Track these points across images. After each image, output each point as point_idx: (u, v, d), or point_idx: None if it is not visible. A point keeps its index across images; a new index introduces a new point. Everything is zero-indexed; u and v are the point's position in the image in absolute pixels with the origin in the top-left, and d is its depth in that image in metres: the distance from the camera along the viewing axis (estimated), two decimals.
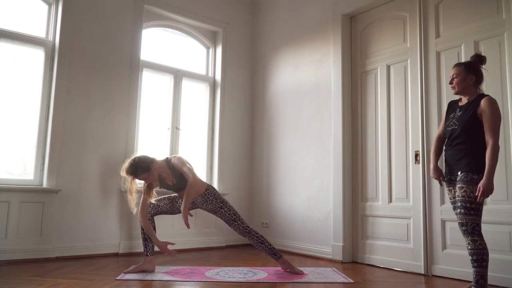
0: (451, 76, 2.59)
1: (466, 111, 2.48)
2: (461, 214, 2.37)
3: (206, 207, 3.20)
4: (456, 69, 2.55)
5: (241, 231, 3.16)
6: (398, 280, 3.02)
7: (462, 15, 3.23)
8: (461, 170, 2.43)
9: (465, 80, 2.50)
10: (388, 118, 3.66)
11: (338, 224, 3.80)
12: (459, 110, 2.54)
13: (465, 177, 2.39)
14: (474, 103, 2.45)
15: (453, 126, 2.54)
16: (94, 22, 3.93)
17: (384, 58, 3.74)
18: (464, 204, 2.36)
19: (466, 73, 2.51)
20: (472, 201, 2.34)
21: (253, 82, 5.06)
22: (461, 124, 2.47)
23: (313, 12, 4.35)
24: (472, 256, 2.34)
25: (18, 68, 3.66)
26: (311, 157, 4.18)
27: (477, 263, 2.32)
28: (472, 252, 2.33)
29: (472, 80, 2.50)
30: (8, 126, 3.57)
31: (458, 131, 2.49)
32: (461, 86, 2.52)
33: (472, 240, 2.33)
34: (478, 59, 2.53)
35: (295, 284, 2.80)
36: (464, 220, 2.36)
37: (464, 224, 2.36)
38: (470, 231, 2.34)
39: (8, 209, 3.34)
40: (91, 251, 3.69)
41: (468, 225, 2.35)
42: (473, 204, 2.34)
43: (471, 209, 2.35)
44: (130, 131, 4.04)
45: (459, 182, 2.42)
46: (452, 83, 2.56)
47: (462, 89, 2.52)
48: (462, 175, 2.42)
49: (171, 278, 2.85)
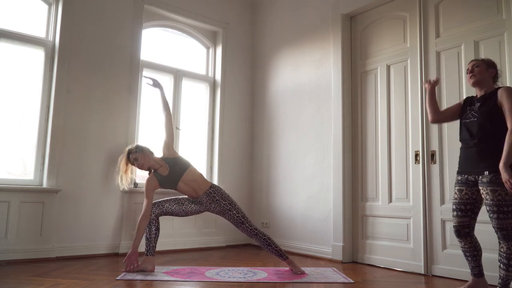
0: (469, 67, 2.52)
1: (486, 101, 2.41)
2: (500, 219, 2.26)
3: (214, 208, 3.21)
4: (476, 61, 2.51)
5: (249, 233, 3.17)
6: (398, 280, 3.02)
7: (462, 15, 3.23)
8: (490, 170, 2.30)
9: (487, 71, 2.46)
10: (388, 118, 3.66)
11: (338, 224, 3.80)
12: (477, 101, 2.46)
13: (496, 178, 2.27)
14: (494, 95, 2.38)
15: (471, 118, 2.44)
16: (94, 22, 3.93)
17: (384, 58, 3.74)
18: (502, 208, 2.25)
19: (487, 66, 2.48)
20: (509, 204, 2.26)
21: (253, 82, 5.06)
22: (482, 115, 2.38)
23: (313, 12, 4.35)
24: (508, 260, 2.26)
25: (18, 68, 3.65)
26: (311, 157, 4.18)
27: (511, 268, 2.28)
28: (509, 256, 2.26)
29: (493, 73, 2.47)
30: (8, 126, 3.57)
31: (479, 124, 2.39)
32: (482, 75, 2.46)
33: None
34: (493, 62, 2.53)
35: (295, 284, 2.80)
36: (504, 225, 2.26)
37: (504, 228, 2.26)
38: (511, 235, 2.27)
39: (8, 209, 3.34)
40: (91, 251, 3.69)
41: (509, 229, 2.26)
42: (510, 207, 2.26)
43: (509, 212, 2.26)
44: (130, 131, 4.04)
45: (491, 184, 2.28)
46: (474, 71, 2.48)
47: (482, 78, 2.46)
48: (492, 176, 2.29)
49: (171, 278, 2.85)
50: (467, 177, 2.44)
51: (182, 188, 3.18)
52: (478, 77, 2.47)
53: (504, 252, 2.29)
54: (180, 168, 3.19)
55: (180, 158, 3.27)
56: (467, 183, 2.44)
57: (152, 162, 3.20)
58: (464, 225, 2.47)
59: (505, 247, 2.28)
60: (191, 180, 3.19)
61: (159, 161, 3.22)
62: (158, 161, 3.21)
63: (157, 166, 3.20)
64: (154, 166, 3.20)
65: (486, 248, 2.83)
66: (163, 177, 3.17)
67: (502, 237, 2.28)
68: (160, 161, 3.22)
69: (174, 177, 3.17)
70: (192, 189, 3.18)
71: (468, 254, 2.49)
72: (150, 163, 3.19)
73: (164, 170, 3.18)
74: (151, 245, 3.10)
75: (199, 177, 3.24)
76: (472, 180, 2.42)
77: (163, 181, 3.18)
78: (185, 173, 3.18)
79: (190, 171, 3.21)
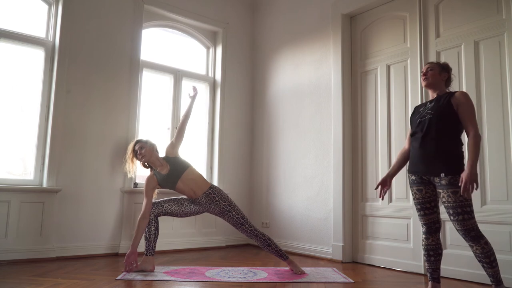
0: (424, 69, 2.57)
1: (439, 100, 2.44)
2: (465, 221, 2.26)
3: (213, 209, 3.21)
4: (430, 65, 2.57)
5: (249, 234, 3.17)
6: (398, 280, 3.02)
7: (462, 15, 3.23)
8: (446, 171, 2.31)
9: (440, 75, 2.52)
10: (388, 118, 3.66)
11: (338, 224, 3.80)
12: (430, 102, 2.51)
13: (455, 180, 2.28)
14: (447, 95, 2.43)
15: (426, 116, 2.45)
16: (94, 22, 3.93)
17: (384, 58, 3.74)
18: (465, 208, 2.26)
19: (440, 69, 2.53)
20: (470, 204, 2.28)
21: (253, 82, 5.06)
22: (436, 112, 2.40)
23: (313, 12, 4.35)
24: (489, 258, 2.25)
25: (18, 68, 3.65)
26: (311, 157, 4.18)
27: (495, 263, 2.26)
28: (488, 254, 2.25)
29: (445, 77, 2.53)
30: (8, 126, 3.57)
31: (433, 121, 2.40)
32: (435, 79, 2.51)
33: (485, 243, 2.26)
34: (448, 66, 2.58)
35: (295, 284, 2.80)
36: (470, 226, 2.26)
37: (471, 229, 2.26)
38: (479, 234, 2.27)
39: (8, 209, 3.34)
40: (91, 251, 3.69)
41: (475, 229, 2.27)
42: (471, 207, 2.28)
43: (471, 211, 2.27)
44: (130, 131, 4.04)
45: (451, 186, 2.29)
46: (427, 74, 2.53)
47: (434, 81, 2.51)
48: (450, 178, 2.30)
49: (171, 278, 2.85)
50: (421, 177, 2.44)
51: (181, 187, 3.19)
52: (430, 80, 2.52)
53: (480, 253, 2.26)
54: (180, 168, 3.20)
55: (180, 158, 3.29)
56: (423, 182, 2.44)
57: (154, 159, 3.23)
58: (434, 221, 2.47)
59: (479, 248, 2.26)
60: (191, 180, 3.19)
61: (160, 159, 3.25)
62: (159, 159, 3.24)
63: (158, 164, 3.22)
64: (155, 163, 3.22)
65: None
66: (162, 176, 3.18)
67: (471, 239, 2.27)
68: (162, 160, 3.24)
69: (173, 177, 3.17)
70: (191, 189, 3.18)
71: (432, 253, 2.45)
72: (151, 158, 3.22)
73: (164, 169, 3.19)
74: (150, 245, 3.10)
75: (199, 177, 3.24)
76: (426, 179, 2.43)
77: (163, 180, 3.18)
78: (185, 173, 3.18)
79: (189, 171, 3.22)
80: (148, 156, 3.21)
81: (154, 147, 3.29)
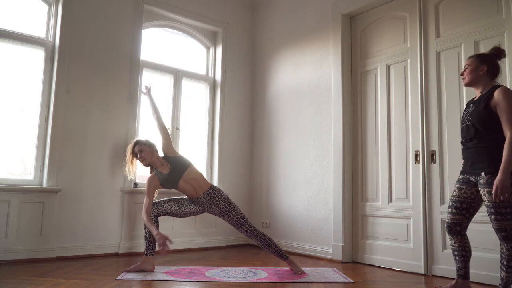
0: (464, 67, 2.49)
1: (479, 104, 2.36)
2: (497, 221, 2.26)
3: (213, 209, 3.21)
4: (469, 60, 2.45)
5: (248, 234, 3.17)
6: (398, 280, 3.02)
7: (462, 15, 3.23)
8: (486, 171, 2.29)
9: (476, 70, 2.38)
10: (388, 118, 3.66)
11: (338, 224, 3.80)
12: (473, 105, 2.42)
13: (493, 180, 2.24)
14: (487, 95, 2.33)
15: (466, 122, 2.42)
16: (94, 22, 3.93)
17: (384, 58, 3.74)
18: (499, 209, 2.24)
19: (478, 63, 2.40)
20: (506, 205, 2.24)
21: (253, 82, 5.06)
22: (475, 118, 2.35)
23: (313, 12, 4.35)
24: (508, 262, 2.26)
25: (18, 68, 3.65)
26: (311, 157, 4.18)
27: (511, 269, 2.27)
28: (509, 258, 2.25)
29: (483, 70, 2.38)
30: (8, 126, 3.57)
31: (472, 127, 2.37)
32: (471, 76, 2.40)
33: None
34: (495, 52, 2.43)
35: (295, 284, 2.80)
36: (502, 226, 2.25)
37: (503, 229, 2.25)
38: (510, 236, 2.25)
39: (8, 209, 3.34)
40: (91, 251, 3.69)
41: (508, 231, 2.25)
42: (508, 209, 2.25)
43: (507, 213, 2.24)
44: (130, 131, 4.04)
45: (487, 186, 2.28)
46: (464, 73, 2.45)
47: (472, 79, 2.41)
48: (488, 178, 2.28)
49: (171, 278, 2.85)
50: (469, 177, 2.44)
51: (182, 186, 3.19)
52: (467, 79, 2.44)
53: (504, 253, 2.28)
54: (181, 167, 3.20)
55: (181, 157, 3.29)
56: (468, 182, 2.44)
57: (155, 159, 3.24)
58: (456, 222, 2.47)
59: (505, 248, 2.28)
60: (192, 179, 3.19)
61: (161, 159, 3.26)
62: (160, 159, 3.25)
63: (159, 164, 3.23)
64: (156, 163, 3.23)
65: (486, 248, 2.84)
66: (164, 175, 3.18)
67: (502, 238, 2.28)
68: (162, 160, 3.25)
69: (175, 176, 3.17)
70: (192, 187, 3.19)
71: (457, 253, 2.49)
72: (152, 159, 3.23)
73: (165, 168, 3.20)
74: (150, 245, 3.10)
75: (200, 176, 3.25)
76: (473, 181, 2.42)
77: (164, 180, 3.19)
78: (186, 172, 3.19)
79: (191, 169, 3.23)
80: (149, 158, 3.22)
81: (154, 147, 3.30)
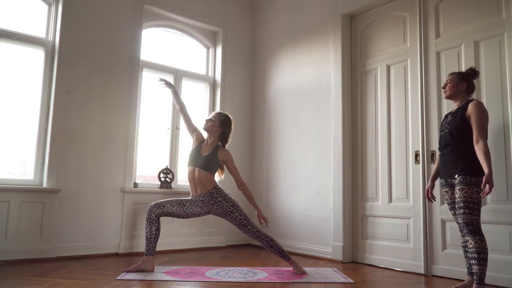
0: (445, 82, 2.76)
1: (456, 114, 2.65)
2: (465, 214, 2.46)
3: (216, 210, 3.20)
4: (451, 76, 2.75)
5: (251, 235, 3.17)
6: (398, 280, 3.02)
7: (462, 15, 3.23)
8: (459, 173, 2.54)
9: (457, 86, 2.69)
10: (388, 118, 3.66)
11: (338, 224, 3.80)
12: (451, 115, 2.72)
13: (464, 179, 2.50)
14: (463, 107, 2.62)
15: (445, 130, 2.70)
16: (94, 22, 3.93)
17: (384, 58, 3.74)
18: (467, 204, 2.46)
19: (459, 80, 2.69)
20: (474, 202, 2.46)
21: (253, 82, 5.06)
22: (452, 127, 2.63)
23: (313, 12, 4.35)
24: (478, 254, 2.40)
25: (18, 68, 3.65)
26: (311, 157, 4.18)
27: (483, 261, 2.40)
28: (478, 250, 2.40)
29: (464, 87, 2.68)
30: (8, 126, 3.57)
31: (449, 135, 2.64)
32: (453, 90, 2.70)
33: (480, 239, 2.42)
34: (471, 72, 2.72)
35: (295, 284, 2.80)
36: (469, 220, 2.45)
37: (470, 223, 2.45)
38: (477, 230, 2.44)
39: (8, 209, 3.33)
40: (91, 251, 3.69)
41: (474, 225, 2.44)
42: (476, 205, 2.46)
43: (474, 209, 2.46)
44: (130, 131, 4.04)
45: (459, 184, 2.53)
46: (445, 87, 2.75)
47: (453, 93, 2.70)
48: (460, 178, 2.52)
49: (171, 278, 2.85)
50: (447, 180, 2.67)
51: (190, 174, 3.20)
52: (448, 92, 2.73)
53: (473, 247, 2.42)
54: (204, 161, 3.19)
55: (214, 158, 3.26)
56: (449, 184, 2.67)
57: (210, 134, 3.26)
58: None
59: (473, 242, 2.42)
60: (196, 177, 3.17)
61: (215, 142, 3.28)
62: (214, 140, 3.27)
63: (209, 141, 3.26)
64: (210, 136, 3.27)
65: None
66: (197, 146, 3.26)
67: (468, 232, 2.45)
68: (214, 143, 3.27)
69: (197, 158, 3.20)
70: (198, 179, 3.15)
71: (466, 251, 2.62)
72: (212, 130, 3.24)
73: (207, 148, 3.24)
74: (151, 245, 3.09)
75: (206, 177, 3.20)
76: (451, 183, 2.65)
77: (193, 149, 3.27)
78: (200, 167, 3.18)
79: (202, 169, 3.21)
80: (210, 128, 3.24)
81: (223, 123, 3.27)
